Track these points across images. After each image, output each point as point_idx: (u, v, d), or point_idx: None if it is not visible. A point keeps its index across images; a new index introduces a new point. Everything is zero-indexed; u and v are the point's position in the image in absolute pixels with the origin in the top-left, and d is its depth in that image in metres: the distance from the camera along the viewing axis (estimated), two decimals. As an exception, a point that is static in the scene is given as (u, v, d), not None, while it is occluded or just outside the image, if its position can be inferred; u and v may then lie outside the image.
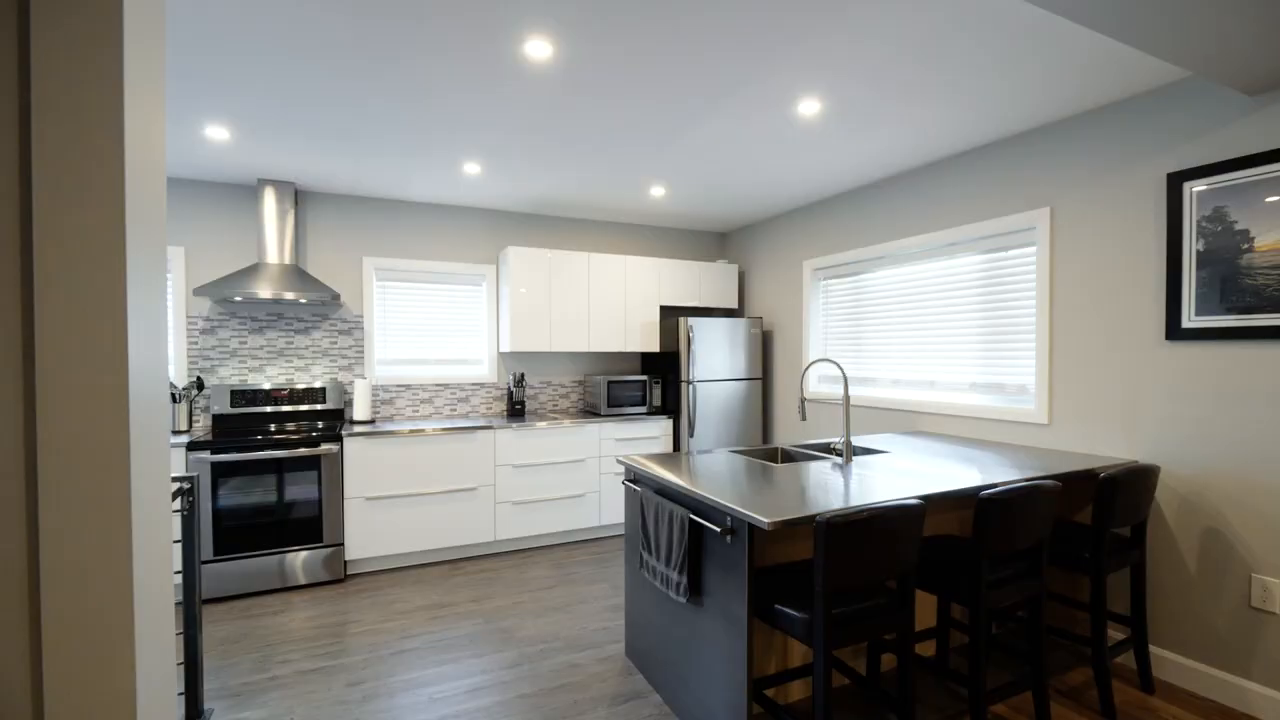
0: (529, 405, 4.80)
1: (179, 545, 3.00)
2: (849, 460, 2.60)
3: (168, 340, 0.96)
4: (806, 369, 2.75)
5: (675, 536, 2.16)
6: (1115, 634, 2.71)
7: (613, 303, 4.69)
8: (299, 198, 4.11)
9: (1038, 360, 2.98)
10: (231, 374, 3.98)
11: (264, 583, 3.47)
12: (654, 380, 4.72)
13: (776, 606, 1.82)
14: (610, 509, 4.43)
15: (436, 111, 2.77)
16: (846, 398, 2.65)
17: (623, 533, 4.55)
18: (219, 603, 3.35)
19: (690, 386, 4.54)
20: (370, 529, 3.74)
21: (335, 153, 3.32)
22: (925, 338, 3.65)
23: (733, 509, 1.85)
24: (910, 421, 3.68)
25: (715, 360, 4.64)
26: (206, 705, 2.34)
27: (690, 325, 4.54)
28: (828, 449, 3.05)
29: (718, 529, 1.93)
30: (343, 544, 3.67)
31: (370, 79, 2.44)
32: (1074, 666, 2.63)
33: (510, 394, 4.51)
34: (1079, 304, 2.82)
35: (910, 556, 1.82)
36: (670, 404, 4.71)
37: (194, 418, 3.89)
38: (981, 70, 2.39)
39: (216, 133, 3.03)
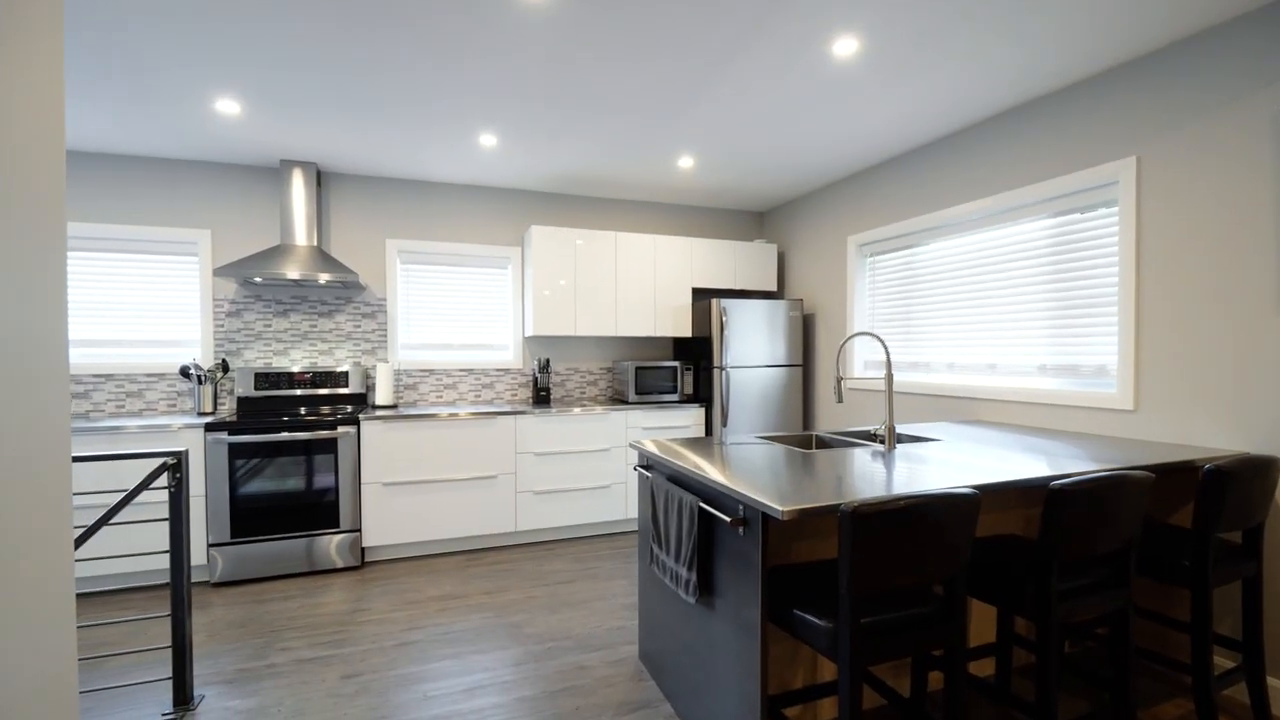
0: (555, 392, 4.62)
1: (167, 524, 2.94)
2: (892, 447, 2.28)
3: (60, 316, 0.81)
4: (845, 343, 2.43)
5: (684, 527, 1.91)
6: (1223, 661, 2.29)
7: (642, 285, 4.45)
8: (322, 179, 4.05)
9: (1120, 337, 2.57)
10: (257, 357, 3.96)
11: (280, 567, 3.41)
12: (685, 367, 4.46)
13: (795, 612, 1.54)
14: (637, 501, 4.19)
15: (449, 76, 2.60)
16: (889, 375, 2.33)
17: (652, 527, 4.31)
18: (234, 586, 3.30)
19: (723, 373, 4.25)
20: (388, 516, 3.63)
21: (348, 124, 3.20)
22: (985, 316, 3.24)
23: (744, 495, 1.58)
24: (967, 409, 3.29)
25: (751, 345, 4.33)
26: (198, 691, 2.25)
27: (723, 307, 4.25)
28: (870, 436, 2.72)
29: (728, 519, 1.67)
30: (360, 530, 3.57)
31: (378, 44, 2.28)
32: (1169, 698, 2.22)
33: (535, 380, 4.34)
34: (1173, 270, 2.39)
35: (960, 556, 1.50)
36: (703, 392, 4.44)
37: (219, 400, 3.88)
38: (1053, -13, 2.02)
39: (227, 106, 2.95)
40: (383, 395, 4.02)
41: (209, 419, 3.40)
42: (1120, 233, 2.57)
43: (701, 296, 4.90)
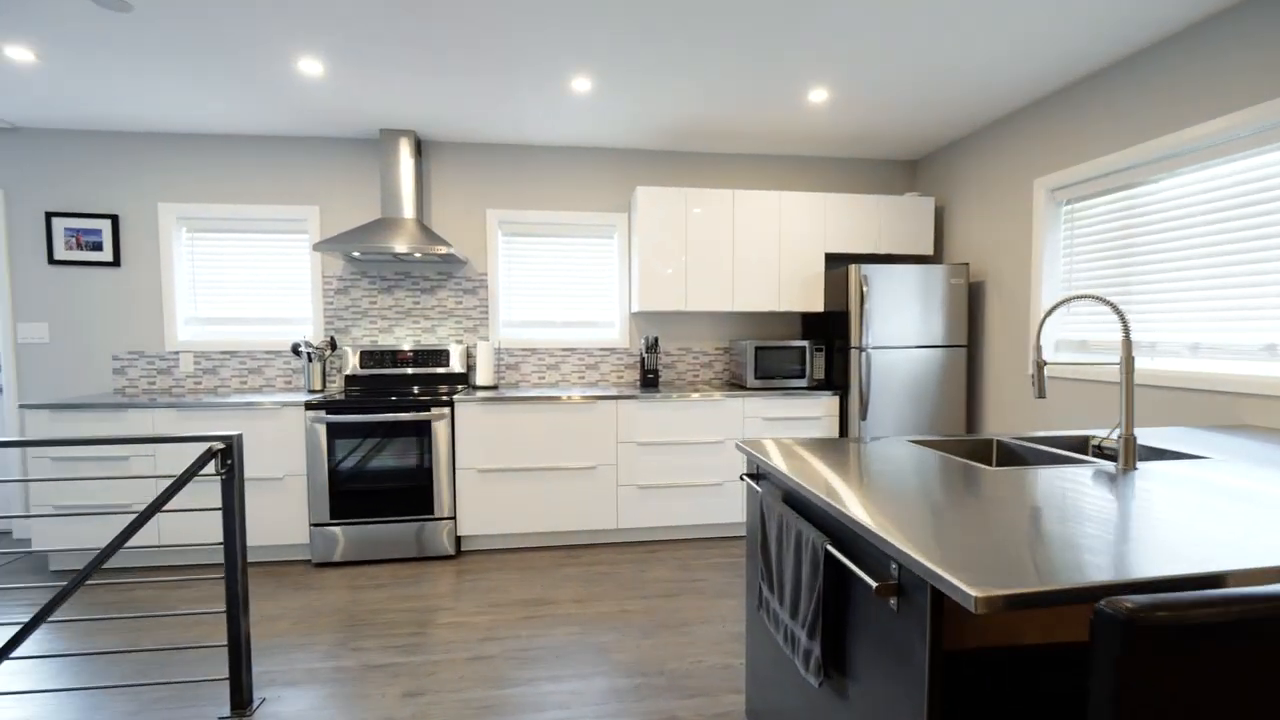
0: (664, 375, 4.15)
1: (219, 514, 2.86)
2: (1130, 466, 1.52)
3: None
4: (1052, 311, 1.69)
5: (805, 574, 1.34)
6: None
7: (764, 251, 3.81)
8: (421, 148, 3.86)
9: None
10: (363, 334, 3.91)
11: (378, 551, 3.30)
12: (816, 347, 3.77)
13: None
14: (756, 502, 3.63)
15: (528, 8, 2.18)
16: (1127, 358, 1.56)
17: (772, 532, 3.72)
18: (333, 567, 3.24)
19: (864, 355, 3.52)
20: (483, 504, 3.40)
21: (431, 77, 2.92)
22: (1254, 277, 2.25)
23: (904, 552, 0.99)
24: (1223, 409, 2.33)
25: (899, 321, 3.55)
26: (260, 693, 2.09)
27: (864, 275, 3.50)
28: (1083, 446, 1.94)
29: (873, 582, 1.08)
30: (454, 518, 3.37)
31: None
32: None
33: (643, 361, 3.90)
34: None
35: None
36: (837, 377, 3.74)
37: (328, 377, 3.88)
38: None
39: (310, 66, 2.77)
40: (483, 375, 3.80)
41: (311, 397, 3.36)
42: None
43: (837, 263, 4.15)
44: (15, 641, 1.85)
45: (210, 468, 2.18)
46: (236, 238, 3.80)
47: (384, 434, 3.29)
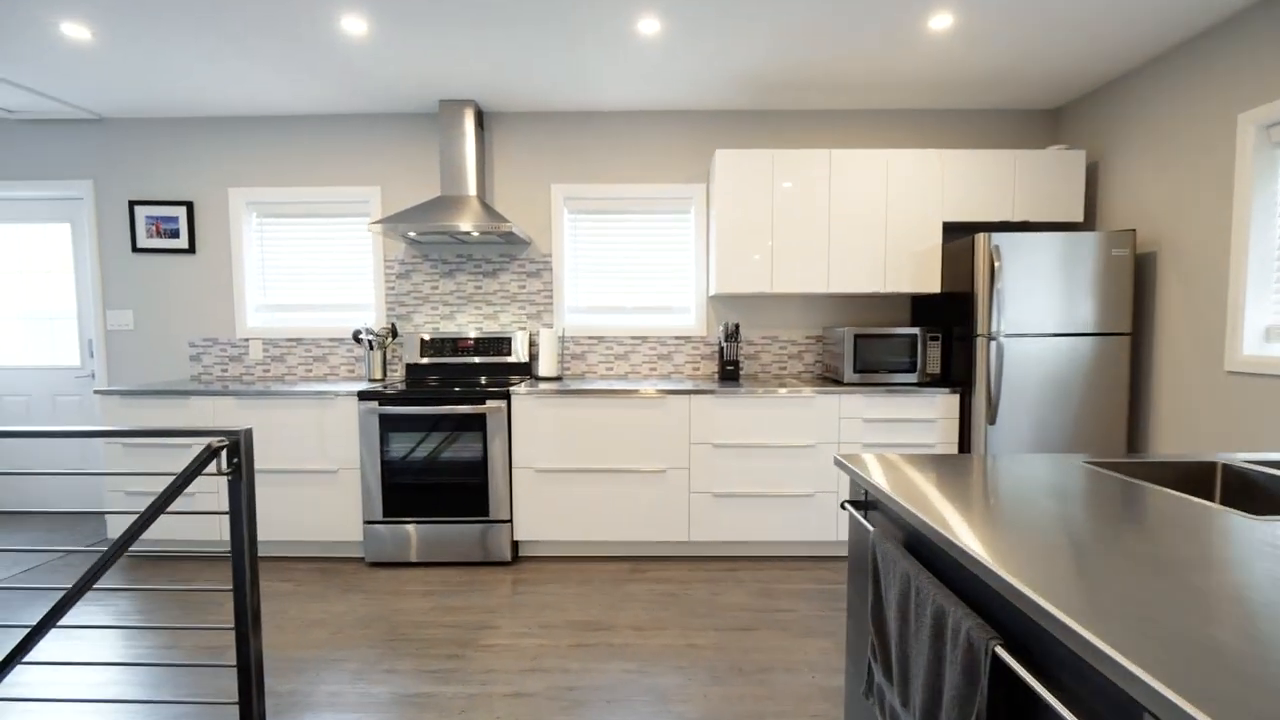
0: (746, 366, 3.67)
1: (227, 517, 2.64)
2: None
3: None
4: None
5: (951, 679, 0.86)
6: None
7: (867, 221, 3.24)
8: (483, 120, 3.59)
9: None
10: (425, 321, 3.71)
11: (431, 552, 3.08)
12: (930, 335, 3.16)
13: None
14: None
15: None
16: None
17: (872, 553, 3.17)
18: (385, 568, 3.04)
19: (993, 344, 2.88)
20: (541, 507, 3.09)
21: (484, 29, 2.60)
22: None
23: (1178, 708, 0.51)
24: None
25: (1040, 303, 2.87)
26: (277, 720, 1.86)
27: (996, 247, 2.86)
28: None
29: (1103, 742, 0.60)
30: (511, 521, 3.09)
31: None
32: None
33: (721, 351, 3.45)
34: None
35: None
36: (957, 372, 3.11)
37: (389, 366, 3.71)
38: None
39: (353, 25, 2.53)
40: (546, 365, 3.50)
41: (364, 387, 3.18)
42: None
43: (957, 233, 3.50)
44: (24, 645, 1.71)
45: (216, 465, 1.97)
46: (302, 223, 3.70)
47: (438, 427, 3.06)
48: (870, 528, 1.20)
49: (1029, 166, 3.18)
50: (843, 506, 1.35)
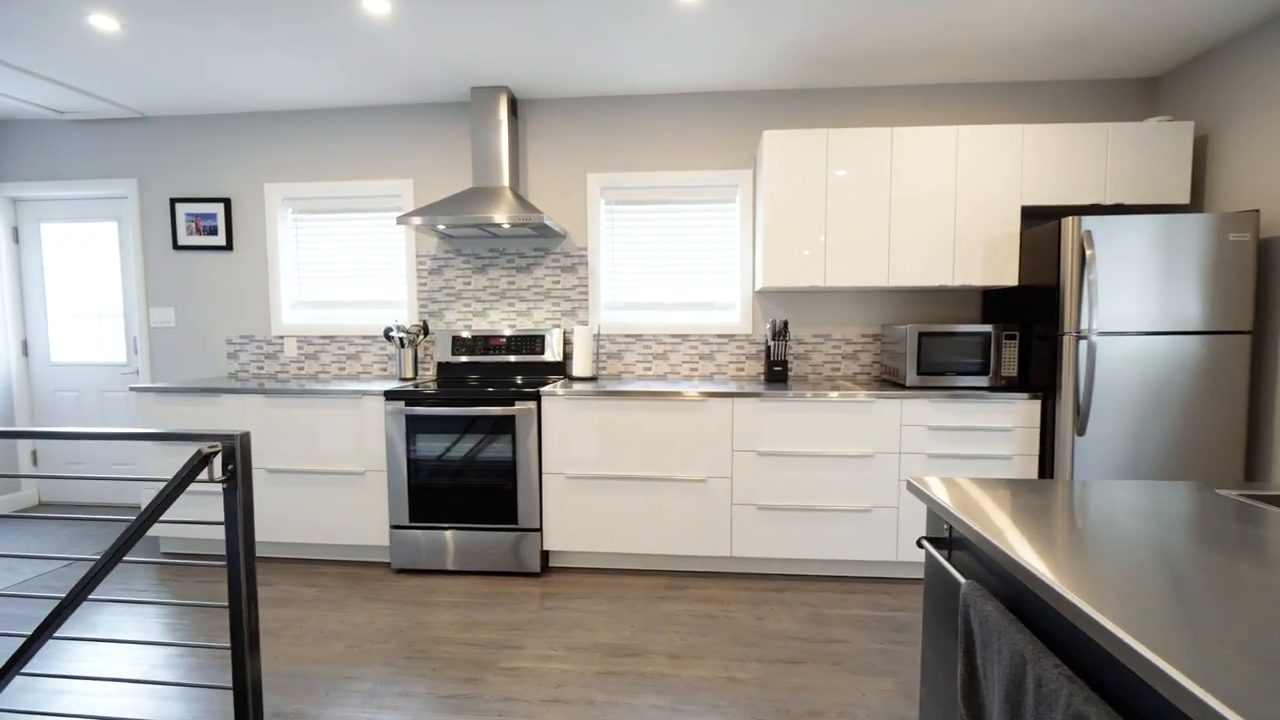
0: (795, 367, 3.39)
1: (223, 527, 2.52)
2: None
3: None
4: None
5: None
6: None
7: (933, 207, 2.91)
8: (516, 108, 3.43)
9: None
10: (458, 318, 3.58)
11: (458, 560, 2.93)
12: (1005, 333, 2.81)
13: None
14: (916, 536, 2.78)
15: None
16: None
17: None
18: (411, 575, 2.91)
19: (1083, 343, 2.52)
20: (572, 516, 2.90)
21: (515, 5, 2.43)
22: None
23: None
24: None
25: (1139, 296, 2.50)
26: (279, 746, 1.72)
27: (1087, 232, 2.50)
28: None
29: None
30: (540, 530, 2.91)
31: None
32: None
33: (768, 350, 3.19)
34: None
35: None
36: (1037, 375, 2.76)
37: (421, 364, 3.60)
38: None
39: (375, 4, 2.40)
40: (580, 365, 3.31)
41: (393, 386, 3.06)
42: None
43: (1039, 219, 3.13)
44: (20, 656, 1.62)
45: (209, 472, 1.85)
46: (336, 218, 3.63)
47: (466, 429, 2.91)
48: (961, 579, 0.94)
49: (1124, 141, 2.79)
50: (919, 544, 1.09)
